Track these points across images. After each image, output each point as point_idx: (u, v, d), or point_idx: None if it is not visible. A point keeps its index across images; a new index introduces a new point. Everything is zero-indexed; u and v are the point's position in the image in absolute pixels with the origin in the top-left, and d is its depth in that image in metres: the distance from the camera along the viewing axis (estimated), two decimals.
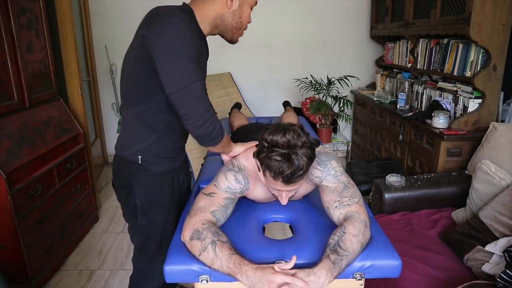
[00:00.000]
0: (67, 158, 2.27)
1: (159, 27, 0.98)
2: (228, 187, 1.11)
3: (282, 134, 0.95)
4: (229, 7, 1.12)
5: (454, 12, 2.19)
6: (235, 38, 1.21)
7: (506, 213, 1.48)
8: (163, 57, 0.98)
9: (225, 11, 1.13)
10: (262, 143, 0.99)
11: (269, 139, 0.96)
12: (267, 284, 0.84)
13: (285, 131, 0.96)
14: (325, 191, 1.12)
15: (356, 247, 0.95)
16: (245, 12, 1.16)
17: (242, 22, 1.17)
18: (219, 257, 0.91)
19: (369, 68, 3.87)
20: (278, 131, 0.96)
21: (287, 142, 0.95)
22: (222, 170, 1.16)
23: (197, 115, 1.01)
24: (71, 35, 2.56)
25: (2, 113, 1.84)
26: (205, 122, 1.03)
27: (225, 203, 1.09)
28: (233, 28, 1.17)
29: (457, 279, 1.34)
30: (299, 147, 0.95)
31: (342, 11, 3.69)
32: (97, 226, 2.68)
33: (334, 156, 1.16)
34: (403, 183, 1.92)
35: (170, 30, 0.97)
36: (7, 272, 1.75)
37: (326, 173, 1.11)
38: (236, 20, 1.15)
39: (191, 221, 1.02)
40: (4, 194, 1.69)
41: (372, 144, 3.31)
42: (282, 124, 1.01)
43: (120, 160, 1.22)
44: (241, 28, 1.19)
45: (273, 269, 0.87)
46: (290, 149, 0.95)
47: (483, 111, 2.13)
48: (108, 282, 2.08)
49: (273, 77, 3.86)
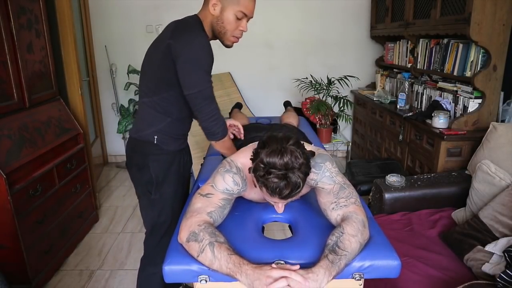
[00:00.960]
0: (67, 158, 2.27)
1: (184, 40, 1.20)
2: (226, 188, 1.11)
3: (280, 157, 0.94)
4: (212, 13, 1.26)
5: (454, 12, 2.19)
6: (224, 42, 1.33)
7: (506, 213, 1.48)
8: (185, 65, 1.20)
9: (212, 17, 1.28)
10: (258, 164, 0.97)
11: (266, 161, 0.95)
12: (265, 279, 0.85)
13: (283, 153, 0.94)
14: (321, 193, 1.12)
15: (355, 247, 0.95)
16: (226, 18, 1.26)
17: (225, 27, 1.27)
18: (217, 258, 0.92)
19: (369, 68, 3.87)
20: (275, 153, 0.94)
21: (285, 165, 0.94)
22: (219, 171, 1.15)
23: (205, 112, 1.27)
24: (71, 35, 2.56)
25: (2, 113, 1.84)
26: (209, 118, 1.28)
27: (222, 204, 1.09)
28: (219, 33, 1.30)
29: (457, 279, 1.34)
30: (297, 169, 0.95)
31: (342, 11, 3.69)
32: (97, 226, 2.69)
33: (329, 158, 1.16)
34: (403, 183, 1.92)
35: (193, 43, 1.20)
36: (7, 272, 1.74)
37: (321, 175, 1.11)
38: (219, 25, 1.28)
39: (187, 223, 1.02)
40: (4, 194, 1.69)
41: (372, 144, 3.30)
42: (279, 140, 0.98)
43: (135, 142, 1.41)
44: (225, 33, 1.29)
45: (271, 266, 0.89)
46: (287, 170, 0.94)
47: (483, 111, 2.13)
48: (108, 282, 2.08)
49: (273, 77, 3.86)
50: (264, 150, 0.97)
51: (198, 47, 1.20)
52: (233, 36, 1.31)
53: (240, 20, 1.28)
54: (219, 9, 1.25)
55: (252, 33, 3.79)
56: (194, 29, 1.25)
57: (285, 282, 0.84)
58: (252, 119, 2.46)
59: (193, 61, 1.20)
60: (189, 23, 1.27)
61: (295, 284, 0.84)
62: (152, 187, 1.40)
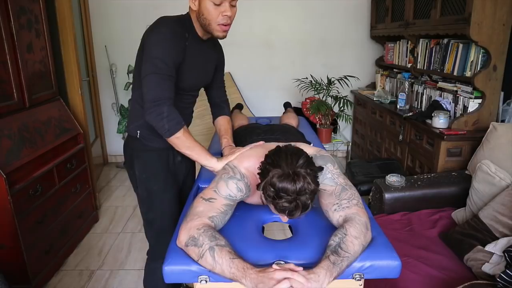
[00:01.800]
0: (67, 158, 2.27)
1: (148, 31, 1.25)
2: (229, 194, 1.10)
3: (293, 183, 0.92)
4: (194, 9, 1.26)
5: (454, 12, 2.19)
6: (214, 33, 1.28)
7: (506, 213, 1.48)
8: (144, 55, 1.24)
9: (195, 13, 1.28)
10: (268, 186, 0.96)
11: (278, 187, 0.93)
12: (268, 281, 0.85)
13: (295, 180, 0.93)
14: (323, 194, 1.11)
15: (357, 249, 0.95)
16: (205, 9, 1.23)
17: (207, 18, 1.24)
18: (218, 263, 0.91)
19: (369, 68, 3.87)
20: (287, 179, 0.93)
21: (297, 192, 0.93)
22: (223, 177, 1.13)
23: (146, 100, 1.22)
24: (71, 35, 2.56)
25: (2, 113, 1.84)
26: (149, 108, 1.21)
27: (224, 210, 1.08)
28: (206, 27, 1.27)
29: (457, 279, 1.34)
30: (309, 193, 0.94)
31: (342, 11, 3.69)
32: (97, 226, 2.68)
33: (330, 159, 1.15)
34: (403, 183, 1.92)
35: (151, 32, 1.23)
36: (7, 272, 1.74)
37: (322, 177, 1.10)
38: (202, 19, 1.26)
39: (187, 226, 1.01)
40: (4, 194, 1.69)
41: (372, 144, 3.30)
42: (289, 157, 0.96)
43: (126, 138, 1.46)
44: (210, 24, 1.25)
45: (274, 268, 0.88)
46: (298, 195, 0.93)
47: (483, 111, 2.13)
48: (108, 282, 2.08)
49: (273, 77, 3.86)
50: (274, 170, 0.95)
51: (155, 37, 1.22)
52: (218, 24, 1.25)
53: (219, 6, 1.22)
54: (197, 2, 1.24)
55: (252, 33, 3.82)
56: (162, 21, 1.25)
57: (288, 284, 0.84)
58: (252, 119, 2.46)
59: (146, 49, 1.22)
60: (164, 17, 1.28)
61: (297, 285, 0.84)
62: (137, 183, 1.43)
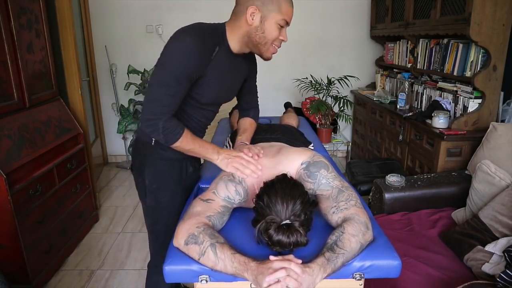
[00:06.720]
0: (67, 158, 2.27)
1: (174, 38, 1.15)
2: (228, 196, 1.11)
3: (287, 237, 0.93)
4: (250, 24, 1.17)
5: (454, 12, 2.19)
6: (264, 54, 1.23)
7: (506, 213, 1.48)
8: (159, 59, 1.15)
9: (248, 28, 1.18)
10: (263, 234, 0.95)
11: (273, 240, 0.93)
12: (266, 270, 0.87)
13: (289, 235, 0.93)
14: (320, 199, 1.12)
15: (354, 247, 0.95)
16: (268, 28, 1.16)
17: (266, 37, 1.18)
18: (221, 258, 0.92)
19: (369, 68, 3.87)
20: (282, 232, 0.93)
21: (291, 244, 0.93)
22: (223, 179, 1.14)
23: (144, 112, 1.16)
24: (71, 35, 2.56)
25: (2, 113, 1.84)
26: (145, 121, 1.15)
27: (221, 210, 1.09)
28: (258, 44, 1.20)
29: (457, 279, 1.34)
30: (302, 244, 0.95)
31: (342, 11, 3.69)
32: (97, 226, 2.68)
33: (324, 164, 1.15)
34: (403, 183, 1.92)
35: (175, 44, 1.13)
36: (7, 272, 1.75)
37: (317, 184, 1.11)
38: (259, 36, 1.18)
39: (185, 225, 1.01)
40: (4, 194, 1.69)
41: (372, 144, 3.30)
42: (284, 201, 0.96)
43: (137, 143, 1.37)
44: (266, 43, 1.19)
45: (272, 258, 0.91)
46: (293, 246, 0.94)
47: (483, 111, 2.13)
48: (108, 282, 2.08)
49: (273, 77, 3.86)
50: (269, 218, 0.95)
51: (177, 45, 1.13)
52: (273, 46, 1.21)
53: (281, 29, 1.18)
54: (259, 18, 1.15)
55: None
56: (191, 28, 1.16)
57: (284, 272, 0.86)
58: None
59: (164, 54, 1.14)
60: (197, 24, 1.20)
61: (293, 274, 0.86)
62: (146, 193, 1.36)
